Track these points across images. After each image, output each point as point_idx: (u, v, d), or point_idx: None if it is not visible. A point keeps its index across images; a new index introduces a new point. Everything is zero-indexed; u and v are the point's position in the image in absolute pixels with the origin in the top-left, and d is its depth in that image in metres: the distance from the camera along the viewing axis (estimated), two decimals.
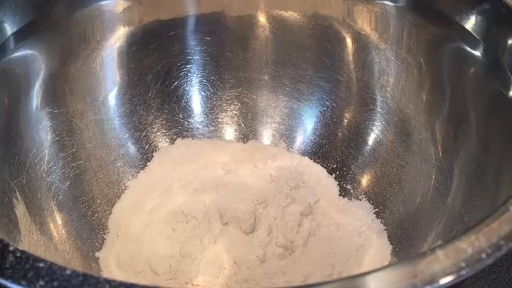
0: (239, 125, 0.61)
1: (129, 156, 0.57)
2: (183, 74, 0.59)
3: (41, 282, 0.25)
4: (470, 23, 0.46)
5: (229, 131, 0.61)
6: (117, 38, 0.55)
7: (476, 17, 0.46)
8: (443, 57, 0.50)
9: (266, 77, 0.60)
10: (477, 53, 0.46)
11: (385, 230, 0.52)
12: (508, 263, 0.53)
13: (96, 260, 0.49)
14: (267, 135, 0.61)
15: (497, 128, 0.43)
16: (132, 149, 0.58)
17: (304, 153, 0.59)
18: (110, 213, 0.53)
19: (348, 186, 0.56)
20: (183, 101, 0.60)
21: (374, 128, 0.56)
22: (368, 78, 0.56)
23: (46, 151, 0.50)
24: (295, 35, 0.58)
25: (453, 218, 0.44)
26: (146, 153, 0.58)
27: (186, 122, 0.60)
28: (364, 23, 0.55)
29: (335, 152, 0.58)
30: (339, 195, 0.56)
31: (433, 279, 0.25)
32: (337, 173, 0.57)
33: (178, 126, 0.60)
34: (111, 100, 0.56)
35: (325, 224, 0.52)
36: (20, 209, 0.44)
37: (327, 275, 0.47)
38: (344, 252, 0.49)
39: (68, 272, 0.26)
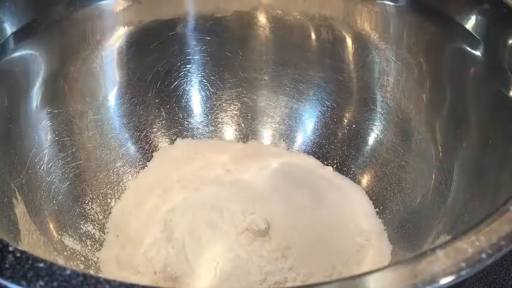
0: (239, 125, 0.61)
1: (129, 156, 0.57)
2: (183, 74, 0.59)
3: (41, 283, 0.25)
4: (470, 23, 0.46)
5: (229, 131, 0.61)
6: (117, 38, 0.55)
7: (476, 17, 0.46)
8: (443, 57, 0.50)
9: (266, 77, 0.60)
10: (477, 53, 0.46)
11: (385, 230, 0.52)
12: (508, 263, 0.53)
13: (96, 260, 0.49)
14: (267, 135, 0.61)
15: (498, 128, 0.43)
16: (132, 149, 0.58)
17: (304, 153, 0.59)
18: (110, 213, 0.53)
19: None
20: (183, 101, 0.60)
21: (374, 128, 0.56)
22: (368, 78, 0.56)
23: (46, 151, 0.50)
24: (295, 35, 0.58)
25: (453, 218, 0.44)
26: (146, 153, 0.58)
27: (186, 122, 0.60)
28: (364, 23, 0.55)
29: (335, 152, 0.58)
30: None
31: (433, 279, 0.25)
32: (337, 173, 0.57)
33: (178, 126, 0.60)
34: (111, 100, 0.56)
35: (326, 222, 0.52)
36: (20, 209, 0.44)
37: (327, 275, 0.47)
38: (344, 252, 0.49)
39: (68, 272, 0.26)
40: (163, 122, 0.59)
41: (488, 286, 0.52)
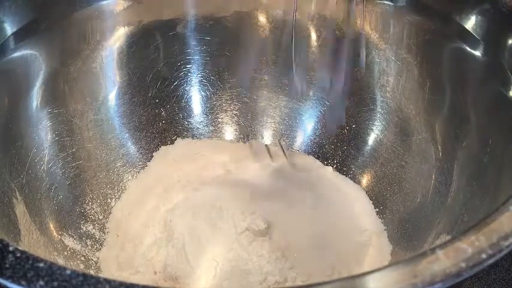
0: (239, 125, 0.61)
1: (129, 156, 0.57)
2: (183, 74, 0.59)
3: (41, 282, 0.25)
4: (470, 23, 0.47)
5: (229, 131, 0.61)
6: (117, 38, 0.55)
7: (476, 17, 0.46)
8: (443, 57, 0.50)
9: (266, 77, 0.60)
10: (477, 53, 0.46)
11: (385, 230, 0.52)
12: (508, 263, 0.53)
13: (96, 260, 0.49)
14: (267, 135, 0.61)
15: (498, 128, 0.43)
16: (132, 149, 0.58)
17: (304, 153, 0.59)
18: (110, 213, 0.53)
19: None
20: (183, 101, 0.60)
21: (374, 128, 0.56)
22: (368, 78, 0.56)
23: (46, 151, 0.50)
24: (295, 35, 0.58)
25: (453, 218, 0.44)
26: (146, 153, 0.58)
27: (186, 122, 0.60)
28: (364, 23, 0.55)
29: (335, 152, 0.58)
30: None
31: (433, 279, 0.25)
32: (337, 173, 0.57)
33: (178, 126, 0.60)
34: (111, 100, 0.56)
35: (326, 222, 0.52)
36: (20, 209, 0.44)
37: (327, 275, 0.47)
38: (344, 252, 0.49)
39: (68, 272, 0.26)
40: (163, 122, 0.59)
41: (488, 286, 0.52)
